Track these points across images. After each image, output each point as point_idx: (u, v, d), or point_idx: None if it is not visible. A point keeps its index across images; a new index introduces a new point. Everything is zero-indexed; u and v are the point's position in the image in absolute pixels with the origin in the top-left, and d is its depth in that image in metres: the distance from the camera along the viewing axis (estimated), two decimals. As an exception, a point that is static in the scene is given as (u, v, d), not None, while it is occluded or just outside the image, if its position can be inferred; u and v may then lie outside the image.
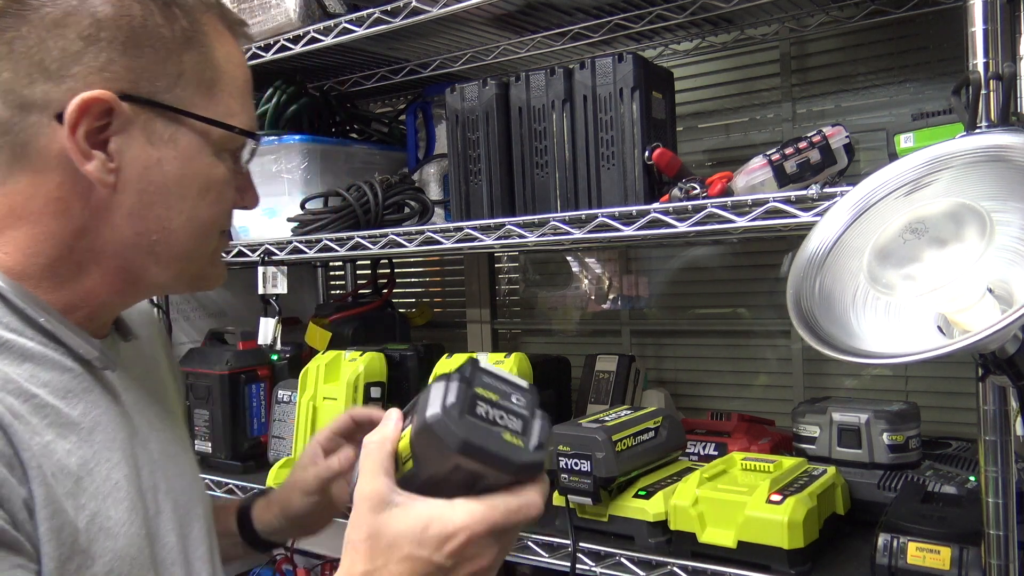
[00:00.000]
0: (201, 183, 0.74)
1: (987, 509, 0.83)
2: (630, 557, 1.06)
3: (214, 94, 0.73)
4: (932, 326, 0.74)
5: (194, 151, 0.73)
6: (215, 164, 0.74)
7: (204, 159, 0.73)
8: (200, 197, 0.74)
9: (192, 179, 0.73)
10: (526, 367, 1.25)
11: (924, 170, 0.77)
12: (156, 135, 0.70)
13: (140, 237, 0.72)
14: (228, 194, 0.77)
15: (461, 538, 0.59)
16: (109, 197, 0.70)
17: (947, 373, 1.50)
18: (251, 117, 0.78)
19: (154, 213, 0.72)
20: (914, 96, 1.50)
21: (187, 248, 0.75)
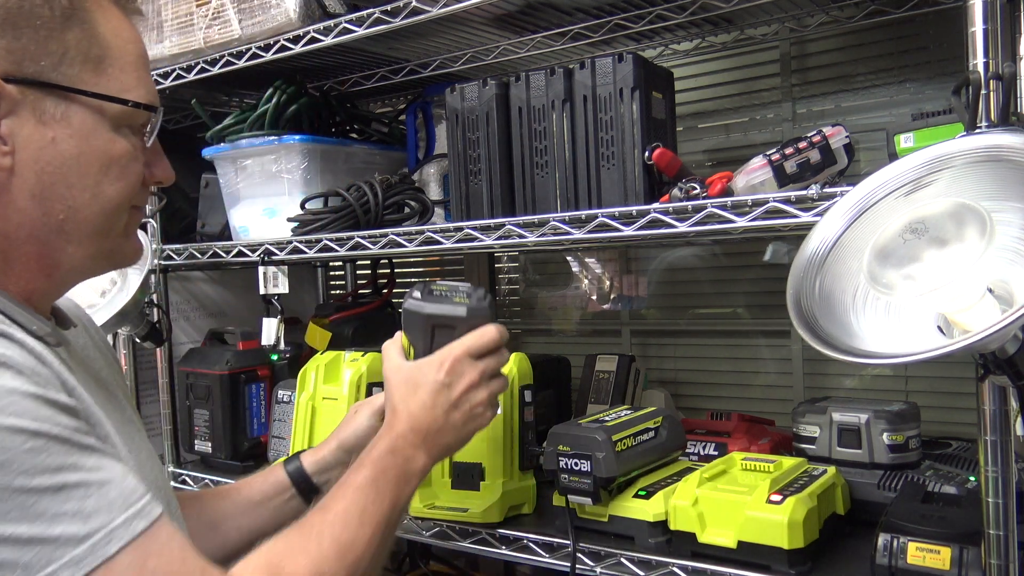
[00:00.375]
0: (101, 159, 0.75)
1: (987, 509, 0.83)
2: (630, 557, 1.06)
3: (103, 70, 0.74)
4: (932, 326, 0.74)
5: (89, 128, 0.74)
6: (114, 139, 0.75)
7: (102, 135, 0.74)
8: (102, 173, 0.75)
9: (91, 156, 0.74)
10: (526, 367, 1.25)
11: (924, 170, 0.77)
12: (47, 114, 0.72)
13: (48, 217, 0.73)
14: (133, 169, 0.78)
15: (448, 362, 0.92)
16: (8, 180, 0.71)
17: (947, 373, 1.50)
18: (149, 90, 0.78)
19: (56, 192, 0.73)
20: (914, 96, 1.50)
21: (96, 225, 0.76)
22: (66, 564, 0.61)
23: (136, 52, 0.77)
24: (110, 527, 0.64)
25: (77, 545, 0.62)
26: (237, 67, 1.46)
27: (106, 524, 0.64)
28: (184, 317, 1.85)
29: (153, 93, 0.79)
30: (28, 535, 0.60)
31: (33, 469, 0.61)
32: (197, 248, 1.61)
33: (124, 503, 0.65)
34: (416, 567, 1.78)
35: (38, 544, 0.60)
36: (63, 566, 0.61)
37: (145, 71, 0.78)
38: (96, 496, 0.64)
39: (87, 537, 0.62)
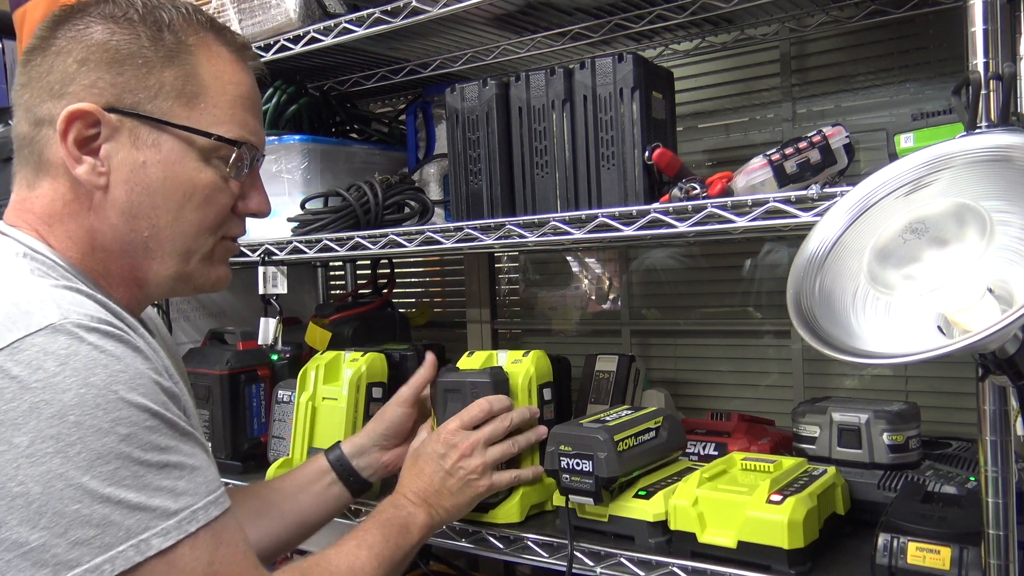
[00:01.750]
0: (186, 186, 0.83)
1: (987, 509, 0.83)
2: (630, 557, 1.06)
3: (196, 105, 0.82)
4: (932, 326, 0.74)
5: (177, 156, 0.82)
6: (200, 169, 0.83)
7: (188, 164, 0.83)
8: (186, 199, 0.83)
9: (176, 181, 0.82)
10: (544, 365, 1.25)
11: (924, 170, 0.77)
12: (141, 141, 0.81)
13: (134, 234, 0.83)
14: (219, 199, 0.85)
15: (442, 434, 1.10)
16: (103, 198, 0.81)
17: (947, 373, 1.50)
18: (242, 127, 0.86)
19: (143, 211, 0.82)
20: (914, 96, 1.50)
21: (177, 246, 0.84)
22: (157, 533, 0.68)
23: (235, 92, 0.85)
24: (194, 507, 0.71)
25: (168, 518, 0.69)
26: (237, 67, 1.46)
27: (191, 504, 0.71)
28: (184, 317, 1.85)
29: (249, 130, 0.86)
30: (135, 502, 0.68)
31: (149, 445, 0.69)
32: (197, 248, 1.60)
33: (207, 489, 0.73)
34: (416, 567, 1.78)
35: (140, 511, 0.68)
36: (155, 534, 0.68)
37: (242, 110, 0.85)
38: (187, 479, 0.72)
39: (176, 513, 0.70)
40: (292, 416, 1.41)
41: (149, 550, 0.68)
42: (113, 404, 0.68)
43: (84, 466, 0.66)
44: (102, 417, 0.67)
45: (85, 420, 0.66)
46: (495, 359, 1.25)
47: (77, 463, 0.66)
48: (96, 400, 0.67)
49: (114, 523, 0.67)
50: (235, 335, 1.63)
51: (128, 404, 0.69)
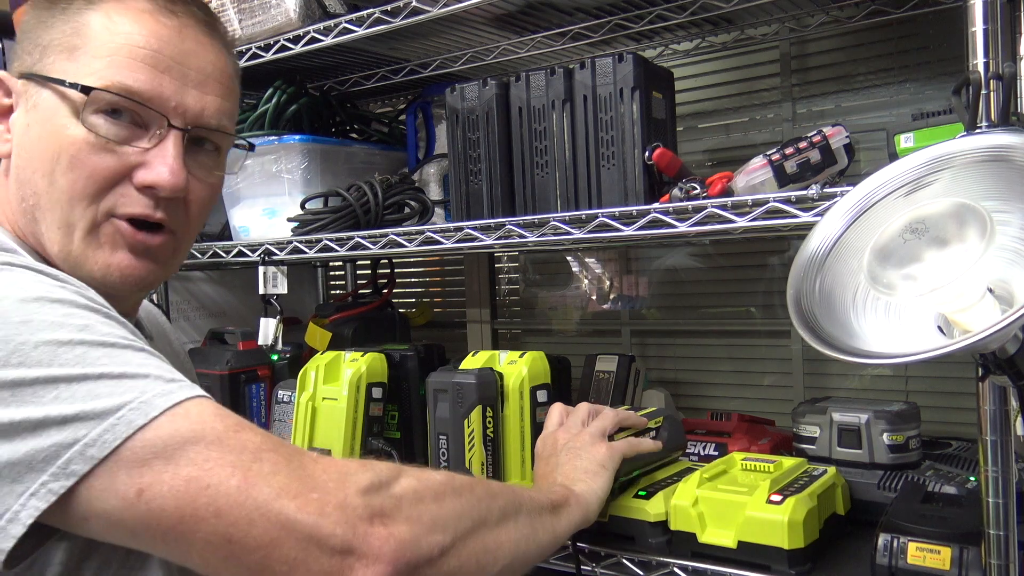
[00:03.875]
0: (54, 145, 0.74)
1: (987, 509, 0.83)
2: (630, 557, 1.06)
3: (76, 57, 0.75)
4: (932, 326, 0.74)
5: (50, 112, 0.75)
6: (69, 126, 0.74)
7: (58, 120, 0.74)
8: (54, 160, 0.74)
9: (48, 141, 0.74)
10: (539, 366, 1.24)
11: (924, 170, 0.77)
12: (30, 102, 0.76)
13: (24, 203, 0.77)
14: (92, 161, 0.74)
15: (538, 442, 1.07)
16: (9, 166, 0.78)
17: (947, 373, 1.50)
18: (129, 79, 0.74)
19: (25, 176, 0.76)
20: (914, 96, 1.50)
21: (56, 216, 0.75)
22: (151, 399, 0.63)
23: (124, 41, 0.74)
24: (177, 379, 0.66)
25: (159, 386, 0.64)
26: (237, 67, 1.46)
27: (174, 377, 0.66)
28: (184, 317, 1.85)
29: (137, 82, 0.75)
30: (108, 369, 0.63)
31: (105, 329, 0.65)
32: (197, 248, 1.61)
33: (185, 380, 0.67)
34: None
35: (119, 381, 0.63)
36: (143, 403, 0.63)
37: (128, 58, 0.74)
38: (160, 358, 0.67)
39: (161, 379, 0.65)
40: (292, 416, 1.41)
41: (153, 411, 0.61)
42: (58, 304, 0.64)
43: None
44: (49, 313, 0.63)
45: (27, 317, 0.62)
46: (497, 359, 1.25)
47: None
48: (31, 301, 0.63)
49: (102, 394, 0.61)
50: (235, 335, 1.63)
51: (76, 304, 0.65)
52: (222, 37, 0.83)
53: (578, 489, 0.95)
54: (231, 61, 0.85)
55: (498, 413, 1.21)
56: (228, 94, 0.83)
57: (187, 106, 0.77)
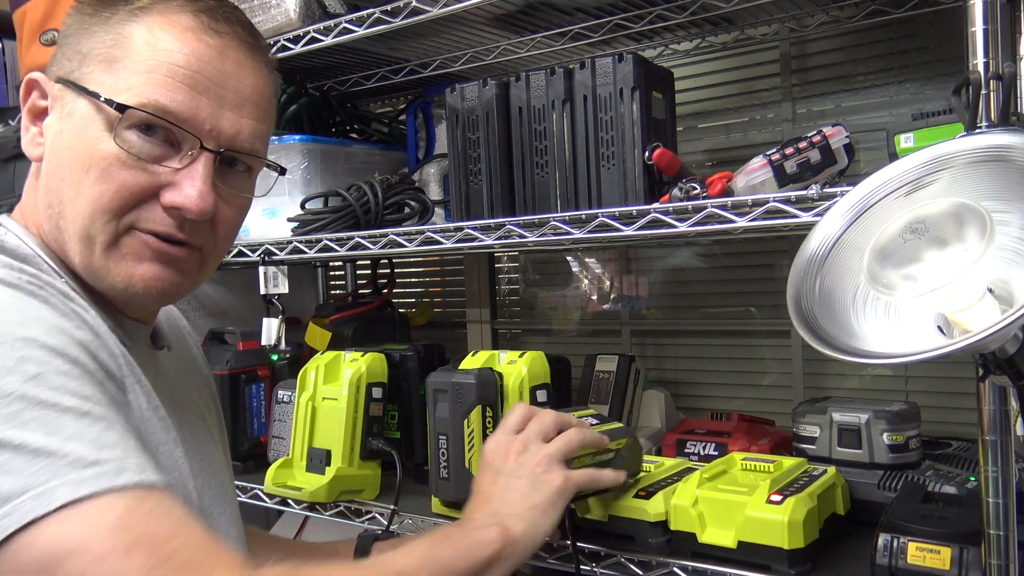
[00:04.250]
0: (85, 156, 0.73)
1: (987, 509, 0.83)
2: (630, 557, 1.06)
3: (114, 70, 0.73)
4: (932, 326, 0.74)
5: (84, 124, 0.73)
6: (102, 139, 0.72)
7: (92, 132, 0.73)
8: (84, 171, 0.73)
9: (79, 151, 0.73)
10: (539, 367, 1.24)
11: (924, 170, 0.77)
12: (65, 109, 0.74)
13: (51, 210, 0.75)
14: (121, 176, 0.73)
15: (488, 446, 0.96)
16: (40, 170, 0.77)
17: (947, 373, 1.50)
18: (166, 97, 0.73)
19: (55, 184, 0.75)
20: (914, 96, 1.50)
21: (78, 227, 0.73)
22: (67, 483, 0.58)
23: (164, 59, 0.73)
24: (123, 461, 0.60)
25: (83, 468, 0.58)
26: (237, 67, 1.46)
27: (119, 458, 0.61)
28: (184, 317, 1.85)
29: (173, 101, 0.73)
30: (38, 446, 0.58)
31: (63, 389, 0.61)
32: (197, 248, 1.60)
33: (141, 461, 0.62)
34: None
35: (46, 457, 0.58)
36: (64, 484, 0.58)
37: (167, 76, 0.73)
38: (117, 432, 0.62)
39: (96, 463, 0.59)
40: (292, 416, 1.41)
41: (53, 502, 0.56)
42: (20, 343, 0.60)
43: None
44: (5, 355, 0.59)
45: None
46: (497, 359, 1.25)
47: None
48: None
49: (12, 471, 0.56)
50: (235, 335, 1.63)
51: (40, 346, 0.61)
52: (264, 58, 0.81)
53: (519, 530, 0.86)
54: (271, 82, 0.83)
55: (498, 413, 1.21)
56: (264, 117, 0.81)
57: (222, 129, 0.76)
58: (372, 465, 1.36)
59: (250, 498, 1.44)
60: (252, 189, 0.84)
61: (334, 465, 1.32)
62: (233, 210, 0.81)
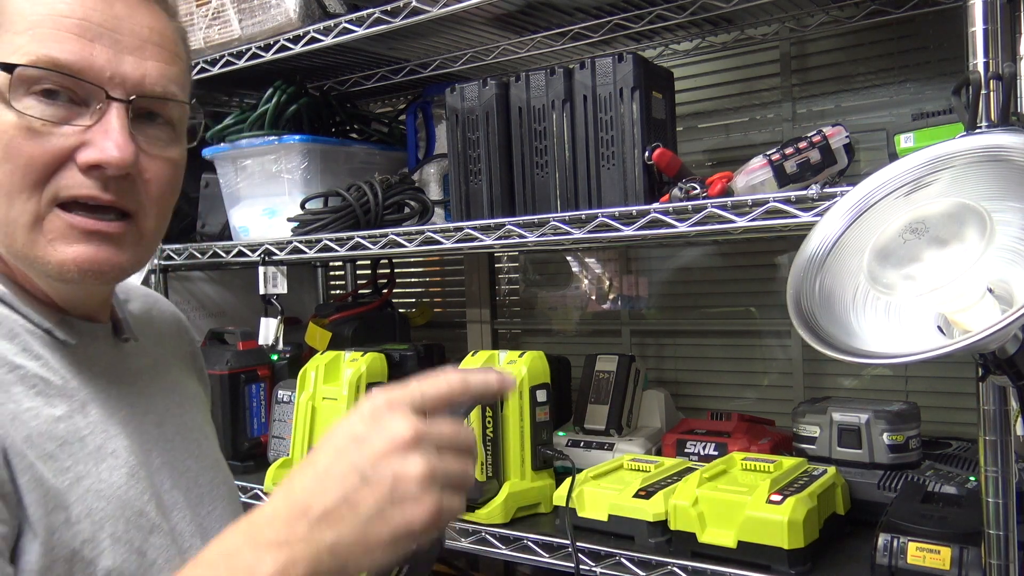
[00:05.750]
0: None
1: (987, 509, 0.83)
2: (630, 557, 1.06)
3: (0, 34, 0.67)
4: (932, 326, 0.74)
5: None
6: (0, 112, 0.67)
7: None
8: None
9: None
10: (539, 366, 1.24)
11: (924, 170, 0.77)
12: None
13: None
14: (23, 147, 0.66)
15: (371, 403, 0.60)
16: None
17: (947, 373, 1.49)
18: (54, 49, 0.67)
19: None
20: (914, 96, 1.50)
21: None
22: None
23: (48, 13, 0.67)
24: None
25: None
26: (237, 67, 1.46)
27: None
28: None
29: (64, 51, 0.67)
30: None
31: None
32: (197, 248, 1.61)
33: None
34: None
35: None
36: None
37: (53, 28, 0.67)
38: None
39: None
40: (292, 416, 1.41)
41: None
42: None
43: None
44: None
45: None
46: (497, 359, 1.25)
47: None
48: None
49: None
50: (235, 335, 1.63)
51: None
52: (160, 1, 0.75)
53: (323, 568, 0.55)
54: (172, 23, 0.76)
55: (498, 413, 1.21)
56: (172, 59, 0.73)
57: (125, 74, 0.69)
58: (372, 465, 1.36)
59: (250, 498, 1.44)
60: (181, 141, 0.77)
61: (334, 465, 1.32)
62: (163, 166, 0.73)
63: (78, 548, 0.65)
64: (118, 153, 0.67)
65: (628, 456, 1.27)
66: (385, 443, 0.56)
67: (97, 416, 0.72)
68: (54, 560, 0.63)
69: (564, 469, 1.25)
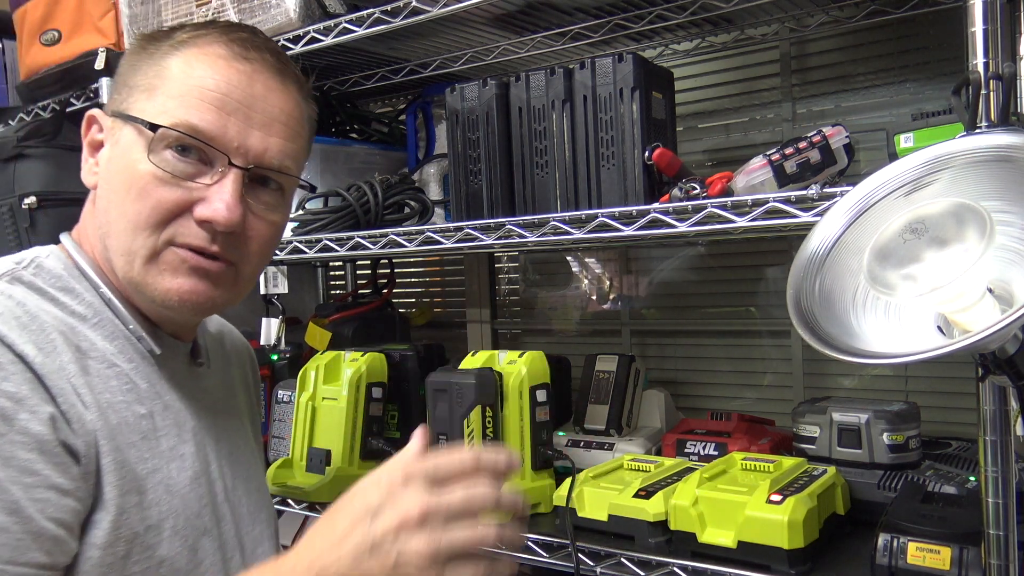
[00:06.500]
0: (127, 177, 0.79)
1: (987, 509, 0.83)
2: (630, 557, 1.06)
3: (154, 98, 0.79)
4: (932, 326, 0.74)
5: (128, 147, 0.79)
6: (142, 160, 0.78)
7: (133, 155, 0.79)
8: (126, 191, 0.79)
9: (124, 174, 0.79)
10: (539, 366, 1.24)
11: (924, 170, 0.77)
12: (115, 137, 0.81)
13: (100, 230, 0.82)
14: (157, 193, 0.78)
15: (387, 474, 0.67)
16: (95, 196, 0.84)
17: (947, 373, 1.49)
18: (195, 118, 0.78)
19: (104, 206, 0.81)
20: (914, 96, 1.50)
21: (121, 244, 0.79)
22: None
23: (197, 83, 0.78)
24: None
25: None
26: (237, 67, 1.46)
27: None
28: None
29: (202, 121, 0.78)
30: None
31: None
32: (197, 248, 1.60)
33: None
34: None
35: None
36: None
37: (198, 99, 0.78)
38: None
39: None
40: (292, 416, 1.41)
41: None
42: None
43: None
44: None
45: None
46: (497, 359, 1.25)
47: None
48: None
49: None
50: (235, 335, 1.63)
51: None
52: (295, 82, 0.86)
53: None
54: (301, 105, 0.87)
55: (498, 413, 1.21)
56: (293, 136, 0.85)
57: (249, 147, 0.80)
58: (372, 465, 1.36)
59: (250, 498, 1.44)
60: (286, 208, 0.88)
61: (334, 465, 1.32)
62: (265, 226, 0.84)
63: (142, 532, 0.74)
64: (227, 214, 0.78)
65: (628, 456, 1.27)
66: (396, 519, 0.64)
67: (171, 421, 0.82)
68: (118, 538, 0.72)
69: (564, 469, 1.25)
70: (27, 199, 1.62)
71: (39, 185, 1.65)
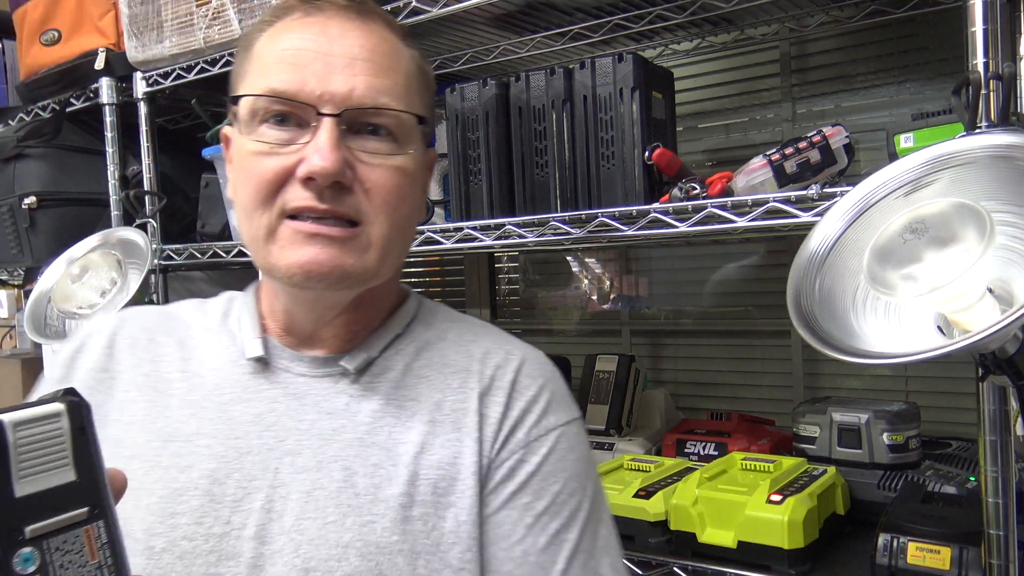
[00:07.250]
0: (239, 168, 0.78)
1: (987, 509, 0.83)
2: (630, 557, 1.06)
3: (245, 81, 0.79)
4: (932, 326, 0.74)
5: (236, 141, 0.79)
6: (245, 143, 0.77)
7: (239, 144, 0.78)
8: (238, 174, 0.78)
9: (237, 167, 0.79)
10: None
11: (924, 170, 0.77)
12: (232, 142, 0.81)
13: (243, 238, 0.80)
14: (258, 167, 0.74)
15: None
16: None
17: (947, 373, 1.50)
18: (272, 79, 0.75)
19: (236, 213, 0.80)
20: (914, 96, 1.50)
21: (247, 236, 0.78)
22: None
23: (278, 52, 0.76)
24: None
25: None
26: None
27: None
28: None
29: (278, 80, 0.75)
30: None
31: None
32: (197, 248, 1.61)
33: None
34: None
35: None
36: None
37: (276, 62, 0.75)
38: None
39: None
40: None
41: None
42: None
43: None
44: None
45: None
46: None
47: None
48: None
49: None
50: (235, 335, 1.63)
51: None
52: (379, 19, 0.80)
53: None
54: (391, 40, 0.80)
55: (498, 413, 1.21)
56: (384, 71, 0.77)
57: (334, 92, 0.74)
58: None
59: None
60: (404, 149, 0.78)
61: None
62: (384, 174, 0.76)
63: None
64: (322, 163, 0.72)
65: (628, 456, 1.27)
66: None
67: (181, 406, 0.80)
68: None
69: (564, 469, 1.25)
70: (27, 199, 1.63)
71: (39, 185, 1.65)
